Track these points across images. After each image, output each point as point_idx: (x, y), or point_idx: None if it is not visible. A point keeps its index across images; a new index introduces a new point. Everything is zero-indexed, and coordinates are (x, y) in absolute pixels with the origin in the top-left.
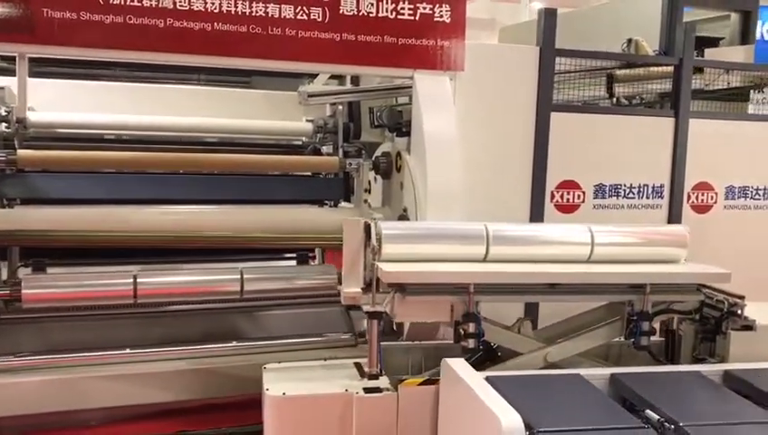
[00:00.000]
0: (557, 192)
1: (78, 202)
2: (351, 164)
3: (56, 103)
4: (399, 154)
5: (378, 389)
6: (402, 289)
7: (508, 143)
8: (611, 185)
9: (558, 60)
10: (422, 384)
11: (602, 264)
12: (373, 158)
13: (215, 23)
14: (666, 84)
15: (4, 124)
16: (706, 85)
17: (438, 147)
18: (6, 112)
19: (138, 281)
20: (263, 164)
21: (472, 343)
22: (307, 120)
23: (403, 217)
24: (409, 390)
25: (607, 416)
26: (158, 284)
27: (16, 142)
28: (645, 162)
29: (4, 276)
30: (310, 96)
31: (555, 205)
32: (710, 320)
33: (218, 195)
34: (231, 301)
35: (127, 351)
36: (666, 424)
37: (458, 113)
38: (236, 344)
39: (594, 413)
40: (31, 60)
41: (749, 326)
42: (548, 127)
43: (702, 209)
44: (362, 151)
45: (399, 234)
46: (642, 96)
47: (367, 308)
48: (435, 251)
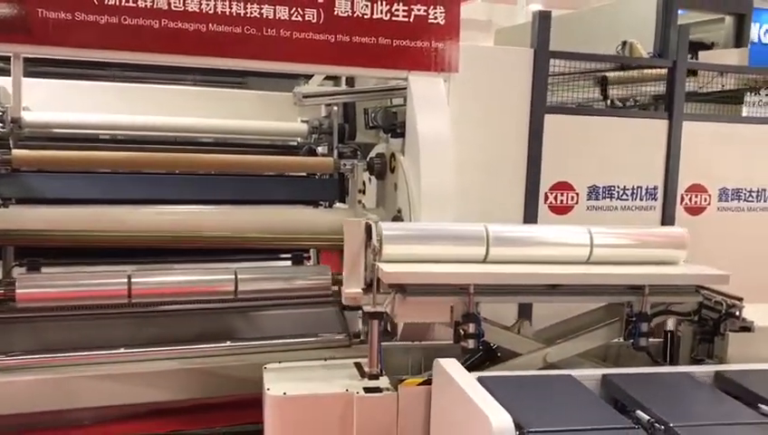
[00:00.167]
0: (551, 193)
1: (73, 202)
2: (346, 165)
3: (51, 103)
4: (394, 155)
5: (378, 389)
6: (403, 290)
7: (502, 145)
8: (605, 186)
9: (552, 62)
10: (422, 384)
11: (601, 265)
12: (368, 159)
13: (209, 23)
14: (660, 86)
15: None
16: (700, 88)
17: (432, 148)
18: (1, 112)
19: (132, 281)
20: (258, 165)
21: (472, 344)
22: (302, 120)
23: (397, 218)
24: (409, 390)
25: (597, 416)
26: (152, 284)
27: (11, 142)
28: (638, 164)
29: None
30: (305, 97)
31: (549, 206)
32: (708, 321)
33: (213, 195)
34: (225, 301)
35: (120, 350)
36: (656, 425)
37: (452, 115)
38: (230, 344)
39: (585, 414)
40: (25, 60)
41: (747, 328)
42: (542, 129)
43: (695, 211)
44: (357, 152)
45: (400, 235)
46: (636, 98)
47: (368, 309)
48: (435, 252)
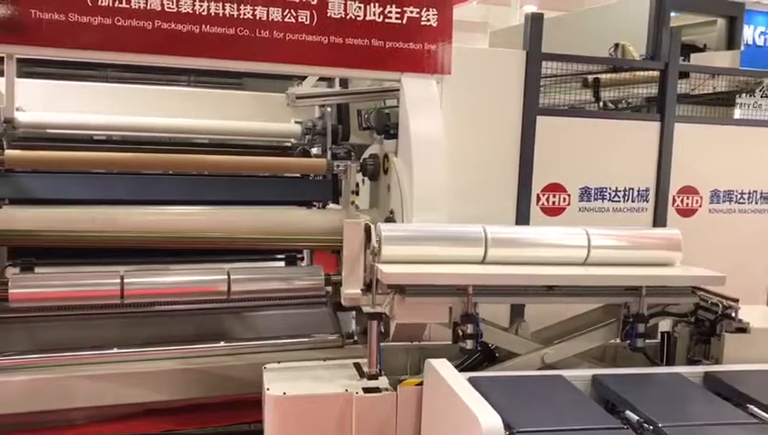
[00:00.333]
0: (543, 195)
1: (66, 202)
2: (339, 166)
3: (45, 104)
4: (387, 156)
5: (377, 389)
6: (402, 290)
7: (494, 146)
8: (597, 188)
9: (545, 64)
10: (420, 384)
11: (599, 266)
12: (361, 160)
13: (202, 25)
14: (652, 89)
15: None
16: (692, 90)
17: (425, 149)
18: None
19: (125, 281)
20: (251, 165)
21: (470, 344)
22: (296, 121)
23: (390, 219)
24: (408, 390)
25: (587, 417)
26: (145, 284)
27: (4, 142)
28: (630, 166)
29: None
30: (298, 98)
31: (541, 208)
32: (705, 322)
33: (207, 196)
34: (218, 301)
35: (114, 350)
36: (645, 425)
37: (445, 116)
38: (224, 345)
39: (574, 414)
40: (19, 60)
41: (743, 329)
42: (534, 130)
43: (687, 213)
44: (351, 153)
45: (399, 236)
46: (628, 100)
47: (367, 309)
48: (434, 253)
